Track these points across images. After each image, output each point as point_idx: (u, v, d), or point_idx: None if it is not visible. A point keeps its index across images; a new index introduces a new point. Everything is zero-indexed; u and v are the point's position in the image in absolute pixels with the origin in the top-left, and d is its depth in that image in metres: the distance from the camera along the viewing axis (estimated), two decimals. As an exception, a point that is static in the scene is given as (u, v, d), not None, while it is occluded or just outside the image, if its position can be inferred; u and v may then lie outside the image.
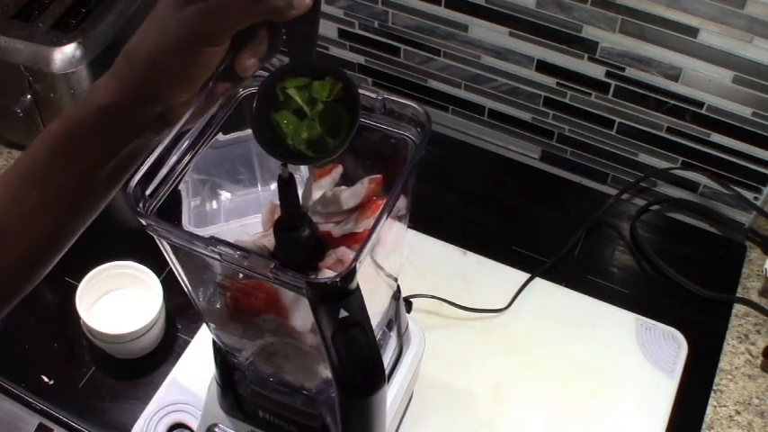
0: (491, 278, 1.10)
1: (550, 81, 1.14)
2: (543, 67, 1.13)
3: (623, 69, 1.08)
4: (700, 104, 1.07)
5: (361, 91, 0.70)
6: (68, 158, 0.61)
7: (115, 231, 1.14)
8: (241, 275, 0.68)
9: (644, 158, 1.17)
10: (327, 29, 1.25)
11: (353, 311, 0.63)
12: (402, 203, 0.71)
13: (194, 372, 0.99)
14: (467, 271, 1.11)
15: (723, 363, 1.03)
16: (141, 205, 0.64)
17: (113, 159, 0.62)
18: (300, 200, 0.66)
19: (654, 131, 1.13)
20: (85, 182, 0.62)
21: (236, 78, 0.62)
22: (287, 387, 0.79)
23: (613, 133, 1.16)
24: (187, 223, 0.94)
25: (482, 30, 1.13)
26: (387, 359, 0.84)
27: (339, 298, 0.62)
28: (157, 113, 0.61)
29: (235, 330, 0.76)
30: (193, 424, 0.94)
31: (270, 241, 0.69)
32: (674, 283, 1.11)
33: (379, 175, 0.71)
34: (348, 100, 0.61)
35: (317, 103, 0.61)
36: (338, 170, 0.73)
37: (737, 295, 1.10)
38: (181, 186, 0.69)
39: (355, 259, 0.60)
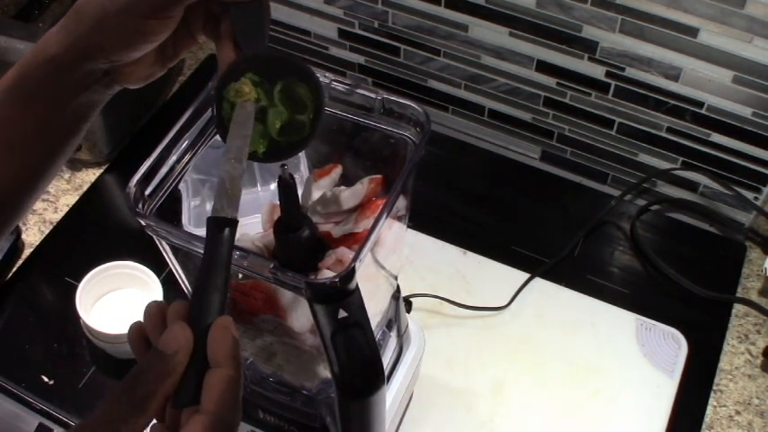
0: (491, 278, 1.10)
1: (550, 81, 1.14)
2: (543, 67, 1.13)
3: (623, 69, 1.08)
4: (700, 104, 1.07)
5: (360, 91, 0.70)
6: (24, 104, 0.62)
7: (115, 231, 1.15)
8: (240, 276, 0.68)
9: (644, 158, 1.17)
10: (327, 29, 1.25)
11: (353, 312, 0.63)
12: (402, 203, 0.71)
13: (194, 372, 0.99)
14: (467, 271, 1.11)
15: (723, 363, 1.03)
16: (141, 206, 0.64)
17: (67, 107, 0.62)
18: (300, 200, 0.66)
19: (654, 131, 1.13)
20: (43, 126, 0.62)
21: (188, 44, 0.63)
22: (287, 387, 0.79)
23: (613, 133, 1.16)
24: (187, 223, 0.94)
25: (482, 30, 1.13)
26: (386, 359, 0.84)
27: (338, 298, 0.62)
28: (102, 71, 0.61)
29: (234, 330, 0.75)
30: (193, 424, 0.94)
31: (269, 241, 0.68)
32: (674, 283, 1.11)
33: (378, 176, 0.71)
34: (299, 78, 0.60)
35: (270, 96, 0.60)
36: (338, 170, 0.73)
37: (737, 295, 1.10)
38: (180, 186, 0.69)
39: (354, 259, 0.60)
